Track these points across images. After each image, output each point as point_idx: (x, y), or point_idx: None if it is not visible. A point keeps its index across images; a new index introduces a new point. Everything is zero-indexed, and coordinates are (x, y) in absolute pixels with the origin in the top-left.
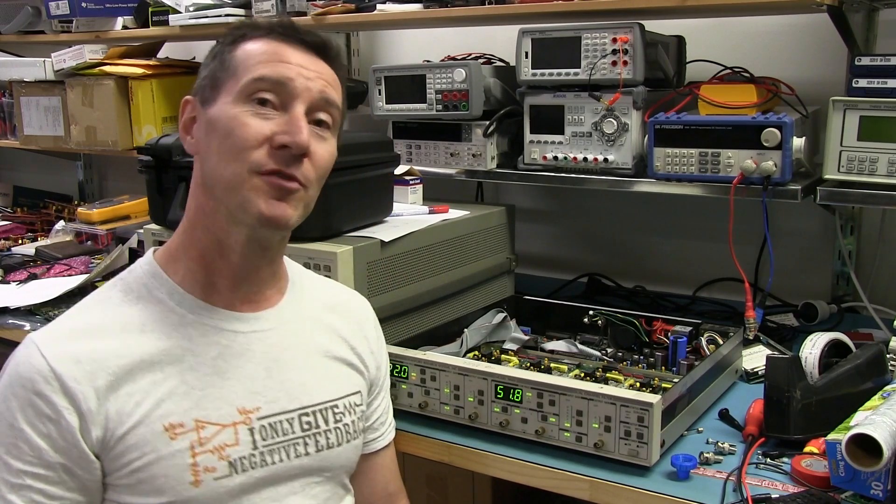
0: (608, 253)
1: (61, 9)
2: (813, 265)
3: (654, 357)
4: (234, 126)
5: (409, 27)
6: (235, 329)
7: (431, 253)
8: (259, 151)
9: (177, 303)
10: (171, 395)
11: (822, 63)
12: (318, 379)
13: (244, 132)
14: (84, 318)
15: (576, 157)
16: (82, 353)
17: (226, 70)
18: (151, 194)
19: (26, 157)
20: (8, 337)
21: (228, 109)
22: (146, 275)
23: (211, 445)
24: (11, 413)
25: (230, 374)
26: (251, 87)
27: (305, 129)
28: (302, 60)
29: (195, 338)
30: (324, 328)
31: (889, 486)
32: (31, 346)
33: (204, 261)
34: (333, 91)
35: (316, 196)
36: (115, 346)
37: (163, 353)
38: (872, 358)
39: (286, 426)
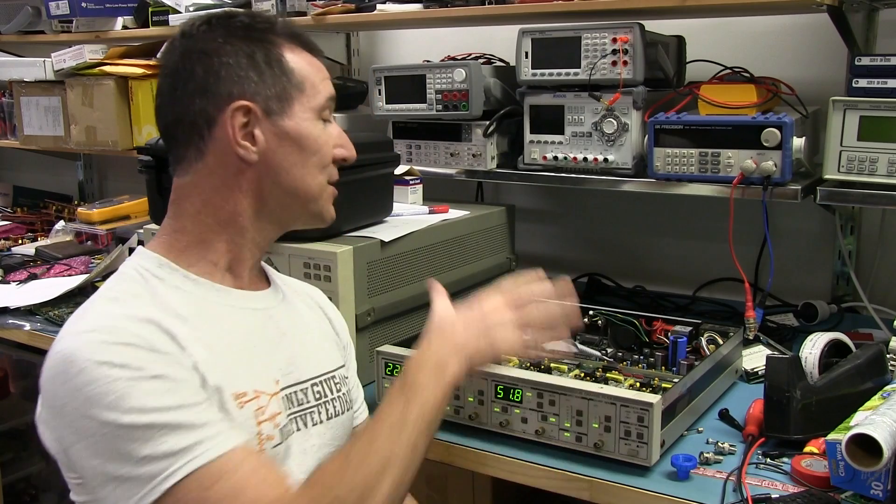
0: (608, 253)
1: (61, 9)
2: (813, 265)
3: (654, 357)
4: (322, 144)
5: (409, 27)
6: (251, 306)
7: (431, 253)
8: (332, 165)
9: (192, 287)
10: (226, 366)
11: (822, 63)
12: (316, 351)
13: (328, 149)
14: (114, 308)
15: (576, 157)
16: (148, 322)
17: (294, 84)
18: (151, 194)
19: (26, 157)
20: (8, 337)
21: (311, 127)
22: (154, 265)
23: (268, 413)
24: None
25: (257, 348)
26: (325, 104)
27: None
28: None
29: (223, 317)
30: (304, 307)
31: (889, 486)
32: (84, 332)
33: (229, 255)
34: None
35: None
36: (170, 322)
37: (201, 331)
38: (872, 358)
39: (301, 396)
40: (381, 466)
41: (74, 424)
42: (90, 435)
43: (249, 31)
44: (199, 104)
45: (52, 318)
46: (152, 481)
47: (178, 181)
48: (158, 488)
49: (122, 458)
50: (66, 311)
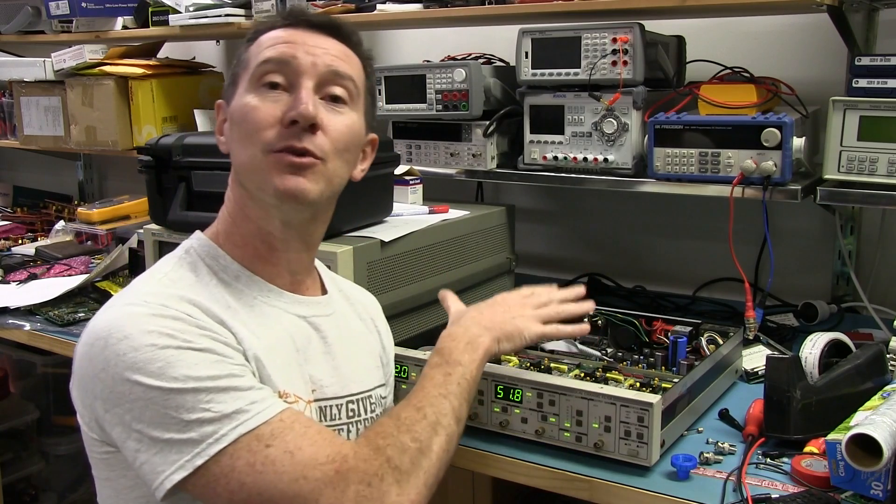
0: (608, 253)
1: (61, 9)
2: (813, 265)
3: (654, 357)
4: (247, 111)
5: (409, 27)
6: (298, 313)
7: (431, 253)
8: (270, 131)
9: (244, 285)
10: (269, 366)
11: (822, 63)
12: (359, 369)
13: (255, 115)
14: (172, 290)
15: (576, 157)
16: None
17: (240, 65)
18: (151, 194)
19: (26, 157)
20: (8, 337)
21: (242, 99)
22: (208, 256)
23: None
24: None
25: (298, 356)
26: (258, 71)
27: (311, 100)
28: (308, 39)
29: (271, 317)
30: (356, 319)
31: (889, 486)
32: (130, 305)
33: (248, 247)
34: (344, 63)
35: (340, 170)
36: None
37: (248, 328)
38: (872, 358)
39: (334, 412)
40: (432, 430)
41: (115, 389)
42: (133, 400)
43: (253, 32)
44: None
45: (52, 318)
46: (199, 445)
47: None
48: (206, 452)
49: (167, 422)
50: (66, 311)
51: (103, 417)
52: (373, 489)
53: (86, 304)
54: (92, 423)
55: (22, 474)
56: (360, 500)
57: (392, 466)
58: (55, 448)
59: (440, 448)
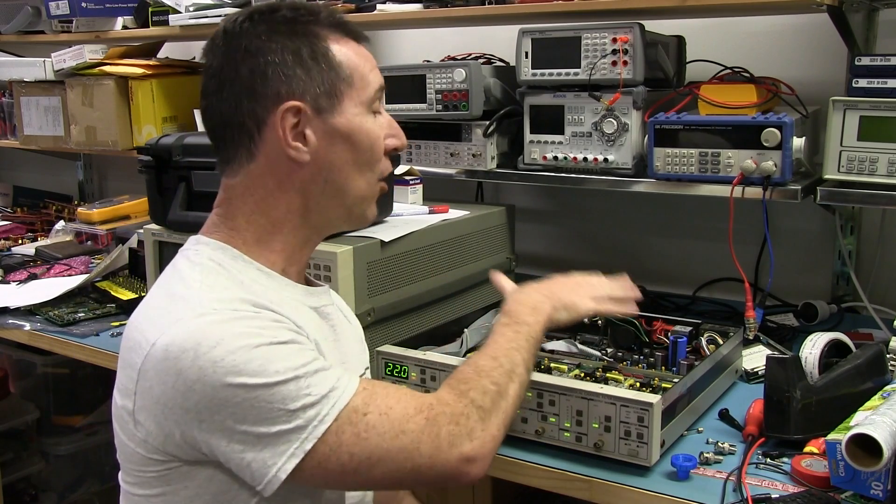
0: (608, 253)
1: (61, 9)
2: (813, 265)
3: (654, 357)
4: (374, 139)
5: (409, 27)
6: (310, 304)
7: (431, 253)
8: (386, 160)
9: (266, 281)
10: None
11: (822, 63)
12: (356, 352)
13: (379, 144)
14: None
15: (576, 157)
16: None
17: (341, 78)
18: (151, 194)
19: (26, 157)
20: (8, 337)
21: (362, 122)
22: (227, 257)
23: None
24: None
25: (323, 346)
26: (375, 97)
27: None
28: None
29: (298, 310)
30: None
31: (889, 486)
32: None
33: (285, 253)
34: None
35: None
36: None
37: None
38: (872, 358)
39: None
40: (507, 376)
41: (215, 397)
42: (237, 403)
43: (293, 25)
44: (248, 106)
45: (52, 318)
46: (306, 430)
47: (228, 181)
48: (314, 434)
49: (275, 416)
50: (66, 311)
51: (195, 430)
52: (460, 427)
53: (86, 304)
54: (161, 439)
55: (22, 474)
56: (452, 439)
57: (476, 406)
58: (55, 448)
59: (515, 392)
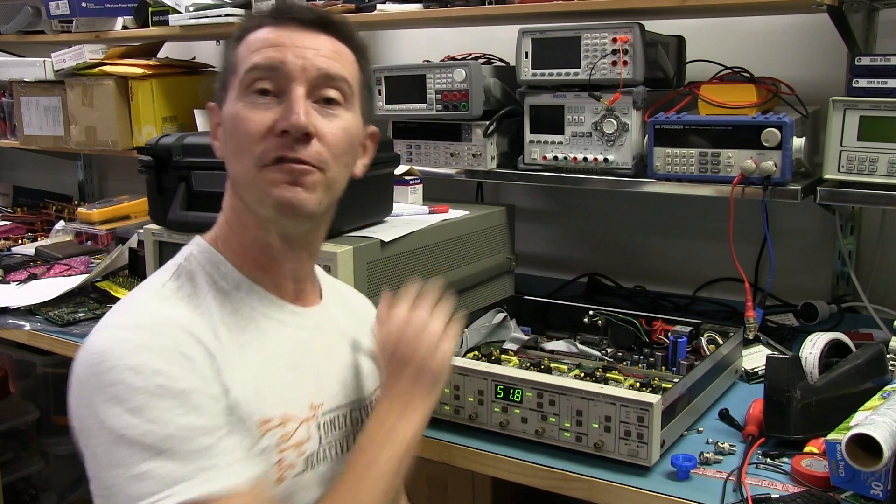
0: (608, 253)
1: (61, 9)
2: (813, 265)
3: (654, 357)
4: (237, 122)
5: (409, 27)
6: (299, 324)
7: (431, 253)
8: (263, 143)
9: (245, 294)
10: (258, 389)
11: (822, 63)
12: (360, 374)
13: (245, 126)
14: (165, 307)
15: (576, 157)
16: (184, 330)
17: (229, 69)
18: (151, 194)
19: (26, 157)
20: (8, 337)
21: (232, 107)
22: (208, 263)
23: (294, 441)
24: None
25: (301, 369)
26: (247, 78)
27: (302, 109)
28: (296, 40)
29: (269, 331)
30: (355, 324)
31: (889, 486)
32: (122, 328)
33: (248, 255)
34: (336, 63)
35: (340, 175)
36: (207, 338)
37: (243, 346)
38: (872, 358)
39: (341, 421)
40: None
41: (91, 416)
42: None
43: (240, 30)
44: None
45: (52, 318)
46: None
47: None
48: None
49: (119, 468)
50: (66, 311)
51: (88, 442)
52: None
53: (86, 304)
54: (80, 446)
55: (22, 474)
56: None
57: None
58: (55, 448)
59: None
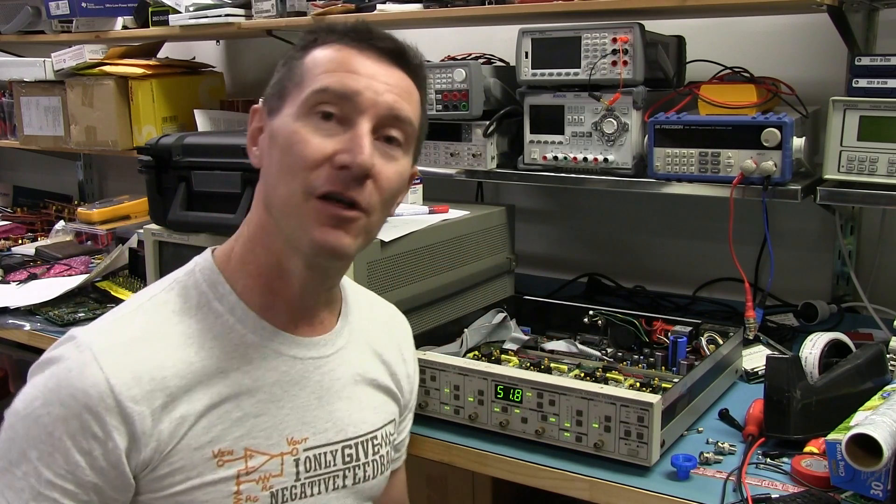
0: (608, 253)
1: (61, 9)
2: (813, 265)
3: (654, 357)
4: (295, 141)
5: (409, 27)
6: (295, 355)
7: (431, 253)
8: (318, 172)
9: (238, 319)
10: (224, 420)
11: (822, 63)
12: (363, 409)
13: (303, 149)
14: (141, 323)
15: (576, 157)
16: (143, 370)
17: (292, 79)
18: (151, 194)
19: (26, 157)
20: (8, 337)
21: (290, 123)
22: (206, 282)
23: (256, 475)
24: (53, 422)
25: (285, 402)
26: (314, 98)
27: (369, 147)
28: (373, 70)
29: (255, 360)
30: (370, 353)
31: (889, 486)
32: (87, 352)
33: (262, 279)
34: (407, 105)
35: (381, 222)
36: (175, 361)
37: (221, 373)
38: (872, 358)
39: (329, 458)
40: None
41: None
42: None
43: (307, 35)
44: None
45: (52, 318)
46: None
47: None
48: None
49: None
50: (66, 311)
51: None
52: None
53: (86, 304)
54: None
55: None
56: None
57: None
58: None
59: None
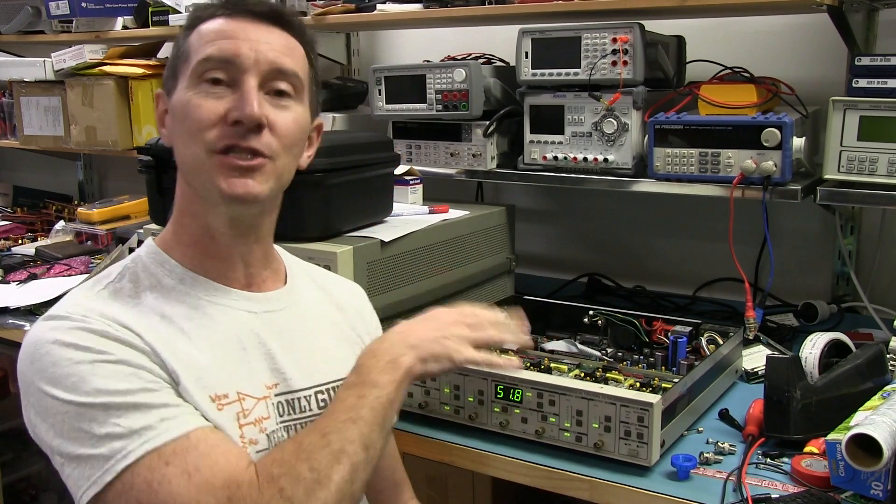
0: (608, 253)
1: (61, 9)
2: (813, 265)
3: (654, 357)
4: (189, 109)
5: (409, 27)
6: (249, 309)
7: (431, 253)
8: (213, 130)
9: (189, 287)
10: (208, 368)
11: (822, 63)
12: (328, 358)
13: (197, 113)
14: (103, 305)
15: (576, 157)
16: (115, 322)
17: (180, 57)
18: (151, 194)
19: (26, 157)
20: (8, 337)
21: (183, 95)
22: (154, 263)
23: (252, 417)
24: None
25: (252, 352)
26: (199, 68)
27: (255, 100)
28: (250, 33)
29: (216, 317)
30: (332, 309)
31: (889, 486)
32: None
33: (197, 246)
34: (289, 59)
35: (289, 165)
36: (145, 328)
37: (189, 332)
38: (872, 358)
39: (304, 403)
40: (333, 458)
41: (39, 404)
42: (53, 415)
43: (189, 19)
44: None
45: None
46: (109, 461)
47: None
48: (114, 468)
49: (81, 438)
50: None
51: (36, 430)
52: None
53: None
54: (32, 435)
55: (22, 474)
56: None
57: (284, 498)
58: None
59: (342, 478)
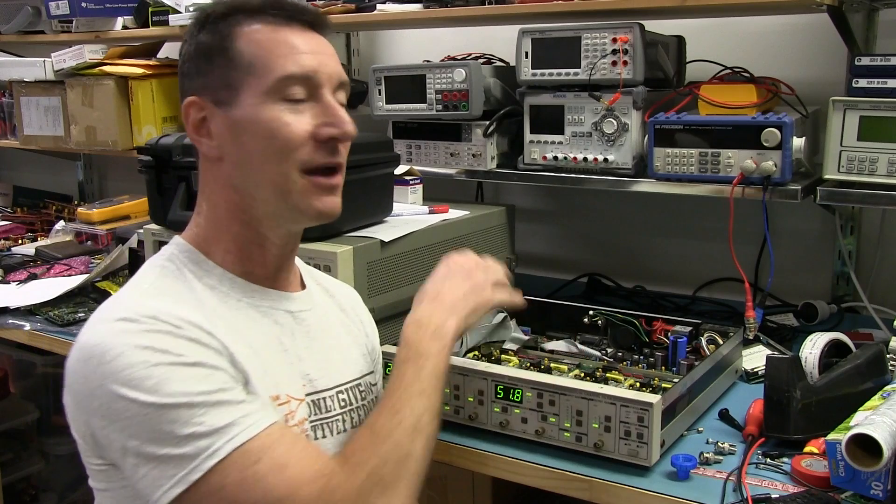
0: (608, 253)
1: (61, 9)
2: (813, 265)
3: (654, 357)
4: (276, 127)
5: (409, 27)
6: (287, 308)
7: (431, 253)
8: (304, 149)
9: (229, 288)
10: (257, 370)
11: (822, 63)
12: (345, 359)
13: (288, 132)
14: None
15: (576, 157)
16: (185, 321)
17: (238, 68)
18: (151, 194)
19: (26, 157)
20: (8, 337)
21: (262, 111)
22: (191, 262)
23: (297, 419)
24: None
25: (290, 353)
26: (280, 85)
27: (346, 116)
28: (312, 44)
29: (257, 319)
30: (337, 310)
31: (889, 486)
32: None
33: (242, 252)
34: (342, 69)
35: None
36: (211, 325)
37: (238, 332)
38: (872, 358)
39: (329, 403)
40: (411, 433)
41: (110, 406)
42: (129, 417)
43: (214, 21)
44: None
45: (52, 318)
46: (195, 460)
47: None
48: (202, 466)
49: (163, 438)
50: (66, 311)
51: (101, 433)
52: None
53: (86, 304)
54: (87, 438)
55: (22, 474)
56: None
57: (376, 481)
58: (55, 448)
59: (422, 447)
